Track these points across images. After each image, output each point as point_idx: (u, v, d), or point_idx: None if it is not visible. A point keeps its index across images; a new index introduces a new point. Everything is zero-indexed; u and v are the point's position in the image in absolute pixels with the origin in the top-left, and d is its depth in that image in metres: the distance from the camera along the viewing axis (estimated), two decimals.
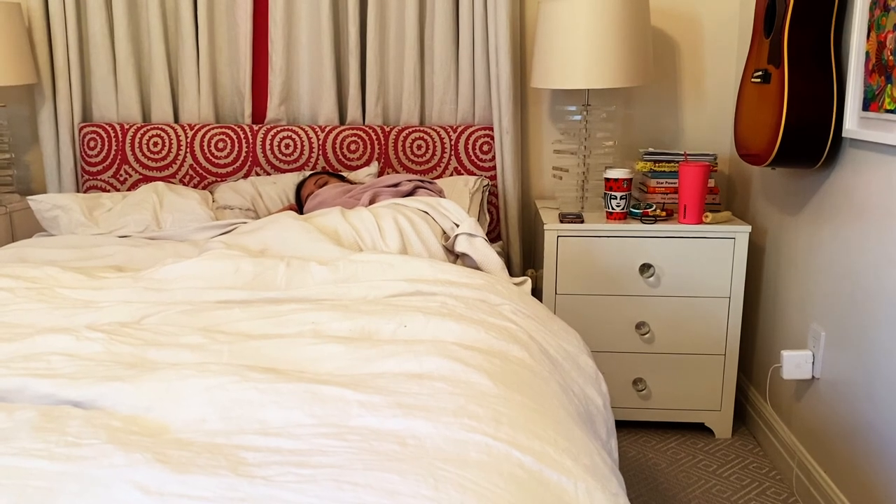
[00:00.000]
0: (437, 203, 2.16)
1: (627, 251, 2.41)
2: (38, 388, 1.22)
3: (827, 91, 1.91)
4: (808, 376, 2.11)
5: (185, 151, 2.74)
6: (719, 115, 2.78)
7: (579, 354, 1.57)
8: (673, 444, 2.49)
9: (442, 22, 2.67)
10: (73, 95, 2.80)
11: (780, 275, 2.34)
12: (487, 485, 0.95)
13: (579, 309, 2.45)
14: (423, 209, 2.13)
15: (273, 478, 0.96)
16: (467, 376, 1.25)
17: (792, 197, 2.27)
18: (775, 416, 2.36)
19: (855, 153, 1.89)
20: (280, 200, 2.59)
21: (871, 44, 1.77)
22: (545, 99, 2.82)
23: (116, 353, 1.39)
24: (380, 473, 0.96)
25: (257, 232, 2.07)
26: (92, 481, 0.96)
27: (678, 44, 2.75)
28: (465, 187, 2.55)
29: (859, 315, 1.87)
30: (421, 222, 2.07)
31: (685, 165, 2.35)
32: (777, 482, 2.26)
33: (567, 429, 1.16)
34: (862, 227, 1.86)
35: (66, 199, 2.46)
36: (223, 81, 2.84)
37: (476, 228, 2.07)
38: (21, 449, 1.02)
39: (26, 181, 2.98)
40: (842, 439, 1.95)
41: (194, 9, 2.75)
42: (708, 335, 2.44)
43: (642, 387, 2.50)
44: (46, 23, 2.76)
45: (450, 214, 2.13)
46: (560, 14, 2.37)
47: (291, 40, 2.75)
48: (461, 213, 2.13)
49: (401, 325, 1.49)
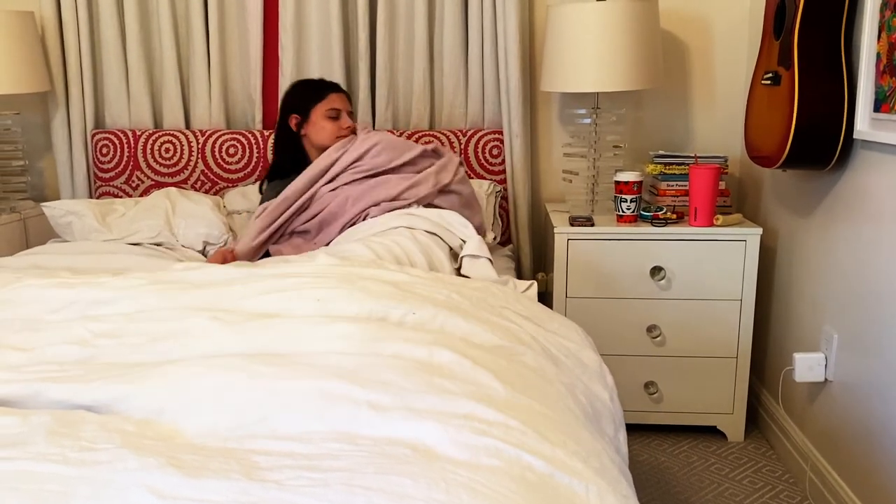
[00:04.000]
0: (443, 220, 2.11)
1: (638, 254, 2.40)
2: (53, 393, 1.23)
3: (837, 92, 1.90)
4: (820, 379, 2.10)
5: (197, 157, 2.76)
6: (730, 118, 2.77)
7: (581, 350, 1.57)
8: (685, 447, 2.48)
9: (451, 26, 2.67)
10: (85, 102, 2.82)
11: (792, 277, 2.34)
12: (499, 489, 0.96)
13: (590, 312, 2.45)
14: (430, 230, 2.07)
15: (285, 482, 0.97)
16: (476, 376, 1.25)
17: (803, 199, 2.26)
18: (788, 419, 2.35)
19: (866, 155, 1.89)
20: None
21: (881, 45, 1.76)
22: (555, 102, 2.82)
23: (125, 343, 1.40)
24: (391, 477, 0.96)
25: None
26: (106, 485, 0.97)
27: (688, 46, 2.75)
28: (480, 190, 2.56)
29: (872, 317, 1.86)
30: (433, 245, 2.02)
31: (696, 168, 2.34)
32: (790, 485, 2.25)
33: (575, 431, 1.16)
34: (874, 228, 1.85)
35: (80, 206, 2.48)
36: (234, 87, 2.85)
37: (481, 248, 2.02)
38: (36, 454, 1.03)
39: (40, 188, 3.01)
40: (855, 442, 1.94)
41: (205, 16, 2.77)
42: (720, 338, 2.43)
43: (654, 390, 2.49)
44: (59, 31, 2.79)
45: (456, 231, 2.10)
46: (569, 17, 2.38)
47: (301, 46, 2.77)
48: (468, 230, 2.09)
49: (409, 312, 1.50)
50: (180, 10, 2.80)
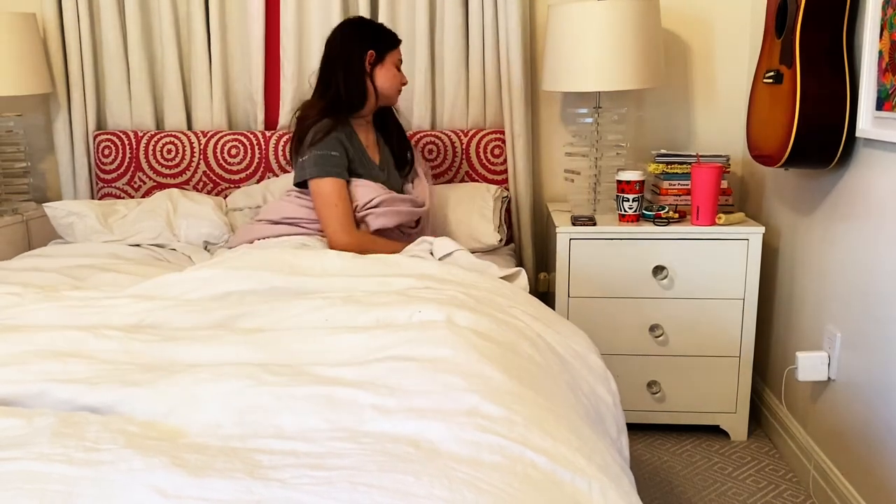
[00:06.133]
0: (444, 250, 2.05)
1: (640, 253, 2.40)
2: (58, 393, 1.24)
3: (840, 91, 1.90)
4: (823, 378, 2.10)
5: (199, 158, 2.76)
6: (732, 117, 2.77)
7: (588, 354, 1.57)
8: (688, 446, 2.48)
9: (452, 26, 2.67)
10: (87, 104, 2.83)
11: (795, 276, 2.33)
12: (502, 485, 0.96)
13: (592, 312, 2.45)
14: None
15: (289, 480, 0.97)
16: (480, 368, 1.25)
17: (806, 197, 2.26)
18: (791, 418, 2.35)
19: (869, 153, 1.89)
20: None
21: (884, 43, 1.76)
22: (556, 102, 2.82)
23: (134, 353, 1.40)
24: (394, 475, 0.97)
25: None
26: (110, 485, 0.97)
27: (690, 45, 2.75)
28: (488, 193, 2.57)
29: (875, 315, 1.86)
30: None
31: (698, 167, 2.34)
32: (793, 484, 2.25)
33: (579, 428, 1.16)
34: (877, 227, 1.85)
35: (82, 206, 2.49)
36: (236, 88, 2.86)
37: (452, 244, 1.99)
38: (40, 454, 1.03)
39: (42, 189, 3.01)
40: (858, 441, 1.93)
41: (206, 17, 2.77)
42: (722, 337, 2.43)
43: (656, 389, 2.49)
44: (61, 33, 2.79)
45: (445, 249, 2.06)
46: (570, 16, 2.38)
47: (303, 47, 2.77)
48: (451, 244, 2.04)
49: (415, 312, 1.50)
50: (181, 11, 2.80)
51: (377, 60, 2.19)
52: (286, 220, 2.17)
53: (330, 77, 2.19)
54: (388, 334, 1.39)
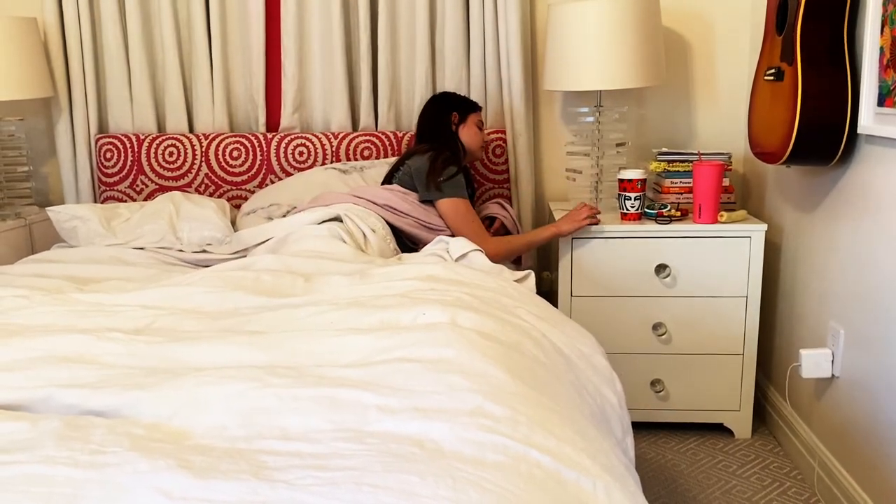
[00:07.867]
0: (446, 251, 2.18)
1: (643, 252, 2.40)
2: (63, 398, 1.24)
3: (841, 87, 1.90)
4: (827, 375, 2.09)
5: (201, 160, 2.76)
6: (733, 114, 2.77)
7: (594, 355, 1.58)
8: (692, 444, 2.48)
9: (452, 26, 2.68)
10: (88, 107, 2.83)
11: (798, 273, 2.33)
12: (506, 485, 0.96)
13: (595, 311, 2.45)
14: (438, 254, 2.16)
15: (294, 481, 0.97)
16: (484, 368, 1.25)
17: (808, 194, 2.26)
18: (795, 416, 2.35)
19: (871, 149, 1.88)
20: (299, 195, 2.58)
21: (885, 39, 1.76)
22: (557, 101, 2.82)
23: (138, 355, 1.40)
24: (399, 475, 0.97)
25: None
26: (116, 487, 0.97)
27: (690, 43, 2.75)
28: None
29: (878, 312, 1.86)
30: None
31: (699, 165, 2.34)
32: (798, 482, 2.24)
33: (583, 427, 1.16)
34: (879, 223, 1.85)
35: (84, 210, 2.49)
36: (237, 90, 2.86)
37: (467, 244, 2.13)
38: (46, 457, 1.04)
39: (44, 193, 3.02)
40: (863, 437, 1.93)
41: (207, 19, 2.78)
42: (725, 335, 2.43)
43: (660, 388, 2.49)
44: (62, 36, 2.80)
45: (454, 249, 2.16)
46: (570, 16, 2.38)
47: (303, 48, 2.77)
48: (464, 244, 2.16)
49: (420, 314, 1.51)
50: (182, 14, 2.81)
51: (461, 121, 2.48)
52: (388, 206, 2.36)
53: (430, 135, 2.52)
54: (392, 336, 1.40)
